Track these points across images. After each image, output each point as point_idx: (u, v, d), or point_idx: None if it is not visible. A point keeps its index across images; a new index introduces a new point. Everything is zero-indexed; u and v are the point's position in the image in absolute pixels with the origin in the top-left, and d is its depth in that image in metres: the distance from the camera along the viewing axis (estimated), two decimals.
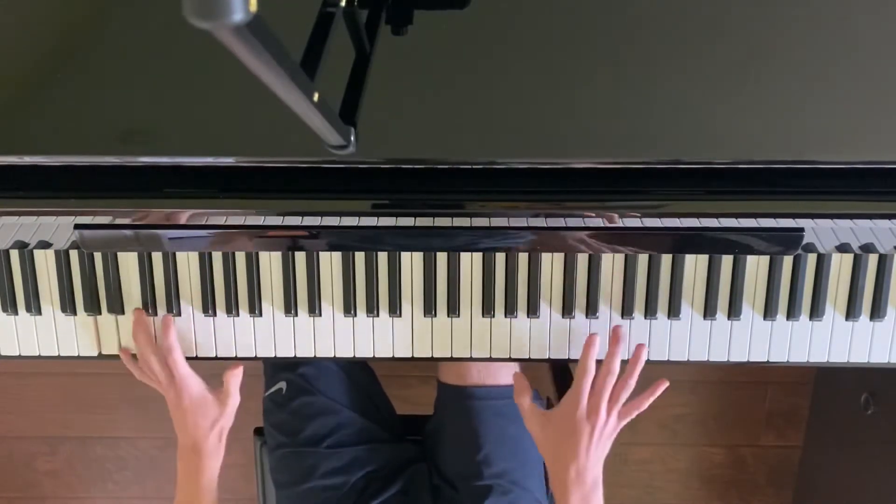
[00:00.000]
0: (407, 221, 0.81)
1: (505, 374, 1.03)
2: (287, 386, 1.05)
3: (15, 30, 0.74)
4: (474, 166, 0.73)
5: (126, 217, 0.80)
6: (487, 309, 0.91)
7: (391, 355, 0.94)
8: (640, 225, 0.81)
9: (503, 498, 1.00)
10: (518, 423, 1.03)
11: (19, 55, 0.73)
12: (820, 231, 0.84)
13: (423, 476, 1.06)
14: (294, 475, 1.04)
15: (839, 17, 0.71)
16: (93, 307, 0.93)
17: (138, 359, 0.93)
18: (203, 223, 0.82)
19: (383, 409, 1.15)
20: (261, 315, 0.92)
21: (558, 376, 1.41)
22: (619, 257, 0.90)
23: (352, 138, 0.55)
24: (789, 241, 0.82)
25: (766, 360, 0.93)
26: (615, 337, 0.89)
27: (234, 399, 0.95)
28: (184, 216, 0.80)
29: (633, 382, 0.88)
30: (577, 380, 0.88)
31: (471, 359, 0.94)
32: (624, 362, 0.90)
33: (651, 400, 0.90)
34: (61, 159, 0.73)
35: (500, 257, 0.90)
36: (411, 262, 0.91)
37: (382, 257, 0.90)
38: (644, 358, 0.90)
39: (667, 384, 0.90)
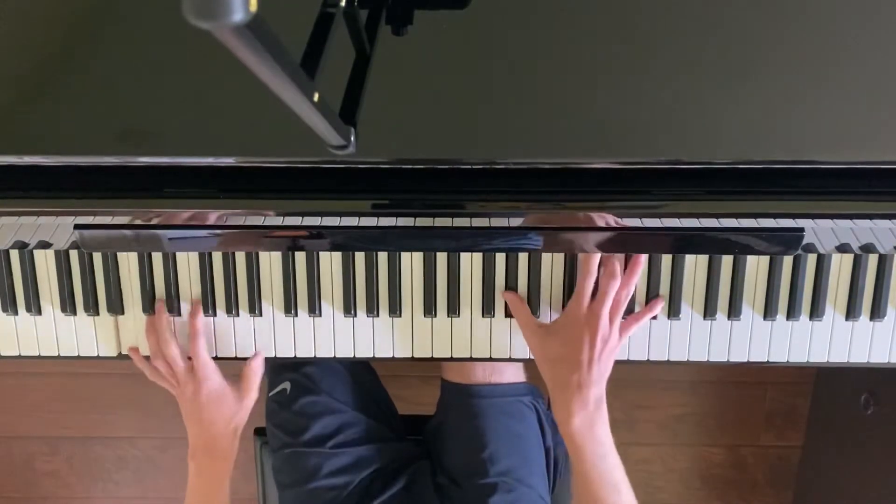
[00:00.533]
0: (407, 221, 0.81)
1: (510, 373, 1.03)
2: (291, 386, 1.05)
3: (15, 30, 0.74)
4: (474, 166, 0.73)
5: (126, 217, 0.80)
6: (487, 309, 0.91)
7: (391, 355, 0.94)
8: (640, 225, 0.81)
9: (508, 495, 1.00)
10: (522, 421, 1.03)
11: (19, 55, 0.73)
12: (820, 231, 0.84)
13: (427, 474, 1.06)
14: (298, 475, 1.04)
15: (839, 17, 0.71)
16: (92, 307, 0.93)
17: (154, 350, 0.92)
18: (203, 223, 0.82)
19: (386, 409, 1.15)
20: (261, 315, 0.93)
21: None
22: (619, 257, 0.90)
23: (352, 138, 0.55)
24: (789, 241, 0.82)
25: (766, 360, 0.93)
26: (635, 261, 0.87)
27: (254, 395, 0.93)
28: (184, 216, 0.80)
29: (632, 286, 0.86)
30: (579, 281, 0.85)
31: (471, 359, 0.94)
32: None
33: (650, 314, 0.88)
34: (61, 159, 0.73)
35: (500, 257, 0.90)
36: (411, 262, 0.91)
37: (382, 257, 0.90)
38: (644, 261, 0.87)
39: (663, 302, 0.89)
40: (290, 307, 0.92)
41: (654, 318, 0.91)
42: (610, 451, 0.85)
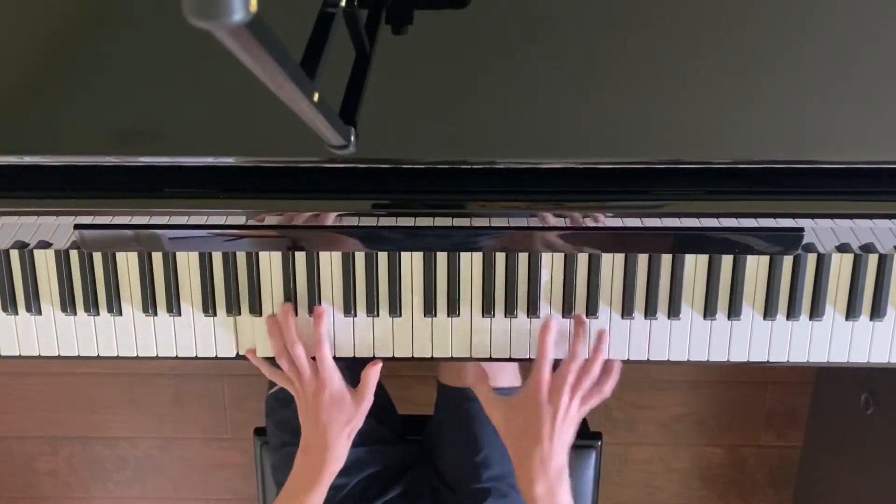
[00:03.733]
0: (407, 221, 0.81)
1: (505, 377, 1.03)
2: None
3: (15, 30, 0.74)
4: (474, 166, 0.73)
5: (126, 217, 0.80)
6: (487, 309, 0.91)
7: (391, 355, 0.94)
8: (640, 225, 0.81)
9: (501, 500, 1.00)
10: None
11: (19, 55, 0.73)
12: (820, 231, 0.84)
13: (425, 479, 1.06)
14: None
15: (839, 17, 0.71)
16: (92, 307, 0.93)
17: (278, 350, 0.91)
18: (203, 223, 0.82)
19: (386, 410, 1.15)
20: (261, 315, 0.92)
21: None
22: (619, 257, 0.90)
23: (352, 138, 0.55)
24: (789, 241, 0.82)
25: (766, 360, 0.93)
26: (577, 322, 0.89)
27: (369, 400, 0.93)
28: (184, 216, 0.80)
29: (596, 369, 0.88)
30: (536, 363, 0.88)
31: (471, 359, 0.94)
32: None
33: (612, 384, 0.89)
34: (61, 159, 0.73)
35: (500, 257, 0.90)
36: (411, 262, 0.91)
37: (382, 257, 0.90)
38: (606, 344, 0.90)
39: (620, 364, 0.90)
40: None
41: (654, 318, 0.91)
42: None
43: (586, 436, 1.17)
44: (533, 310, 0.91)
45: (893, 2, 0.71)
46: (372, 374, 0.92)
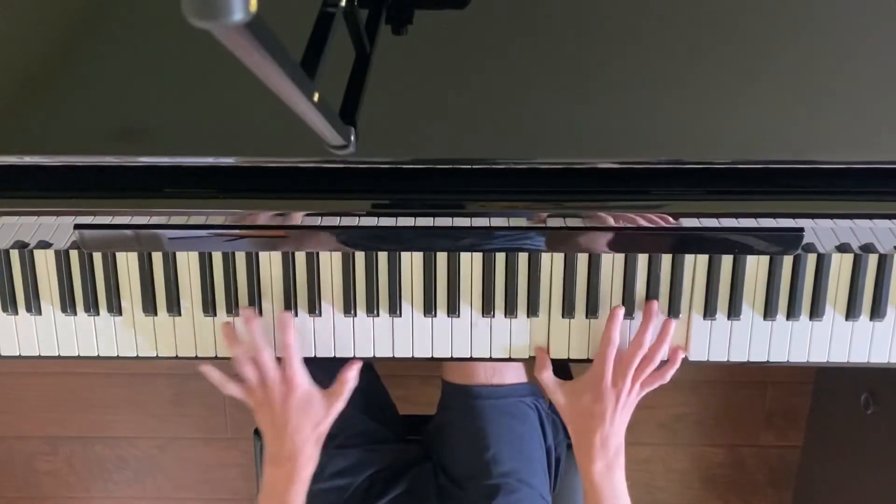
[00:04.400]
0: (407, 221, 0.81)
1: (511, 374, 1.03)
2: None
3: (15, 30, 0.74)
4: (474, 166, 0.73)
5: (126, 217, 0.80)
6: (487, 309, 0.91)
7: (391, 355, 0.94)
8: (640, 225, 0.81)
9: (511, 496, 1.00)
10: (524, 422, 1.03)
11: (19, 55, 0.73)
12: (820, 231, 0.84)
13: (428, 476, 1.06)
14: None
15: (839, 17, 0.71)
16: (92, 307, 0.93)
17: (241, 357, 0.90)
18: (203, 223, 0.82)
19: (387, 410, 1.15)
20: (261, 315, 0.92)
21: (560, 375, 1.41)
22: (619, 257, 0.90)
23: (352, 138, 0.55)
24: (789, 241, 0.82)
25: (766, 360, 0.93)
26: (648, 311, 0.91)
27: (342, 401, 0.92)
28: (184, 216, 0.80)
29: (658, 357, 0.91)
30: (601, 349, 0.91)
31: (471, 359, 0.94)
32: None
33: (672, 371, 0.92)
34: (61, 159, 0.73)
35: (500, 257, 0.90)
36: (411, 262, 0.91)
37: (382, 257, 0.90)
38: (671, 332, 0.92)
39: (685, 353, 0.93)
40: (289, 307, 0.92)
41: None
42: (622, 496, 0.90)
43: None
44: (533, 310, 0.91)
45: (893, 2, 0.71)
46: (350, 375, 0.92)
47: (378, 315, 0.92)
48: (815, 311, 0.90)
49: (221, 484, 1.86)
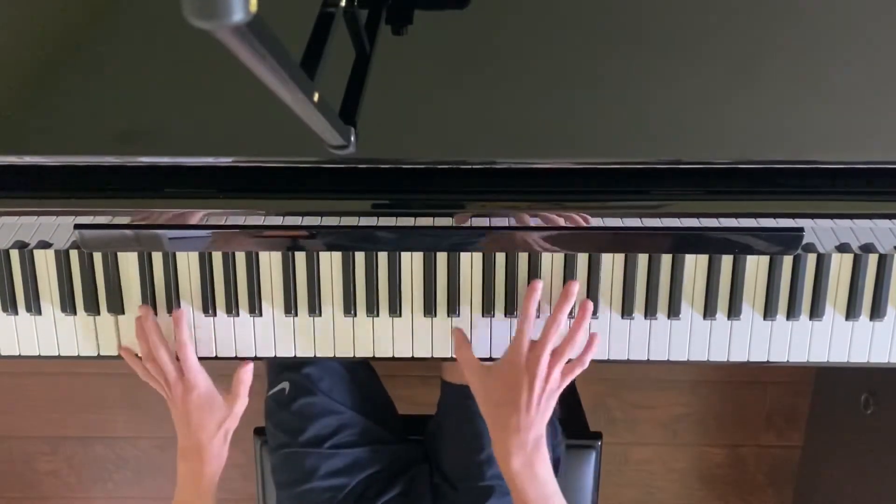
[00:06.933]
0: (407, 221, 0.81)
1: None
2: (290, 386, 1.05)
3: (15, 29, 0.74)
4: (474, 166, 0.73)
5: (126, 217, 0.80)
6: (487, 309, 0.91)
7: (391, 355, 0.94)
8: (640, 225, 0.81)
9: (504, 498, 0.99)
10: None
11: (19, 55, 0.73)
12: (820, 231, 0.84)
13: (424, 477, 1.06)
14: (295, 475, 1.04)
15: (839, 16, 0.71)
16: (93, 307, 0.93)
17: (145, 353, 0.92)
18: (203, 223, 0.82)
19: (385, 410, 1.15)
20: (261, 315, 0.92)
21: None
22: (619, 257, 0.90)
23: (352, 138, 0.55)
24: (789, 241, 0.82)
25: (766, 360, 0.93)
26: (566, 291, 0.87)
27: (243, 401, 0.94)
28: (184, 216, 0.80)
29: (579, 338, 0.86)
30: (518, 326, 0.86)
31: None
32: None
33: (591, 355, 0.87)
34: (61, 159, 0.73)
35: (500, 257, 0.90)
36: (411, 262, 0.91)
37: (382, 257, 0.90)
38: (590, 313, 0.87)
39: (599, 337, 0.88)
40: (290, 307, 0.92)
41: (655, 318, 0.91)
42: (554, 494, 0.85)
43: (586, 436, 1.17)
44: None
45: (893, 2, 0.71)
46: (243, 375, 0.93)
47: (378, 315, 0.92)
48: (815, 311, 0.90)
49: (221, 484, 1.84)
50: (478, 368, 0.89)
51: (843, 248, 0.88)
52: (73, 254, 0.92)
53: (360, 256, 0.90)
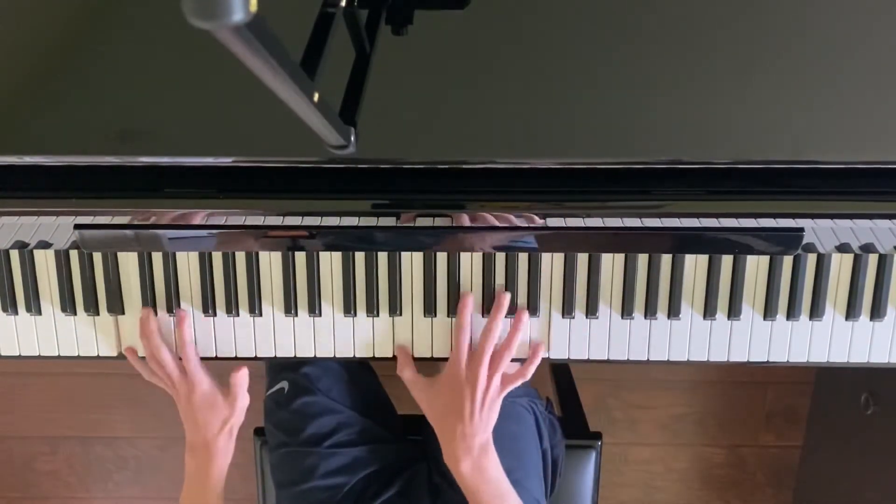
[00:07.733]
0: (406, 222, 0.80)
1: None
2: (289, 385, 1.05)
3: (15, 30, 0.74)
4: (474, 166, 0.73)
5: (126, 217, 0.80)
6: (487, 309, 0.91)
7: (391, 355, 0.94)
8: (640, 225, 0.81)
9: None
10: (520, 423, 1.03)
11: (19, 55, 0.73)
12: (820, 231, 0.84)
13: (423, 476, 1.06)
14: (294, 475, 1.04)
15: (839, 17, 0.71)
16: (92, 307, 0.93)
17: (148, 355, 0.93)
18: (203, 223, 0.82)
19: (384, 409, 1.15)
20: (261, 315, 0.92)
21: (559, 376, 1.41)
22: (619, 257, 0.90)
23: (352, 138, 0.55)
24: (789, 241, 0.82)
25: (766, 360, 0.93)
26: (498, 301, 0.89)
27: (243, 399, 0.95)
28: (184, 216, 0.80)
29: (514, 346, 0.89)
30: (454, 338, 0.90)
31: None
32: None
33: (533, 367, 0.90)
34: (61, 159, 0.73)
35: (500, 257, 0.90)
36: (411, 262, 0.91)
37: (382, 257, 0.90)
38: (525, 321, 0.90)
39: (544, 349, 0.91)
40: (290, 307, 0.92)
41: (654, 318, 0.91)
42: (507, 492, 0.89)
43: (586, 436, 1.17)
44: (533, 310, 0.91)
45: (893, 2, 0.71)
46: (238, 378, 0.94)
47: (378, 315, 0.92)
48: (815, 311, 0.90)
49: None
50: (422, 384, 0.92)
51: (843, 248, 0.88)
52: (73, 254, 0.92)
53: (360, 256, 0.90)
